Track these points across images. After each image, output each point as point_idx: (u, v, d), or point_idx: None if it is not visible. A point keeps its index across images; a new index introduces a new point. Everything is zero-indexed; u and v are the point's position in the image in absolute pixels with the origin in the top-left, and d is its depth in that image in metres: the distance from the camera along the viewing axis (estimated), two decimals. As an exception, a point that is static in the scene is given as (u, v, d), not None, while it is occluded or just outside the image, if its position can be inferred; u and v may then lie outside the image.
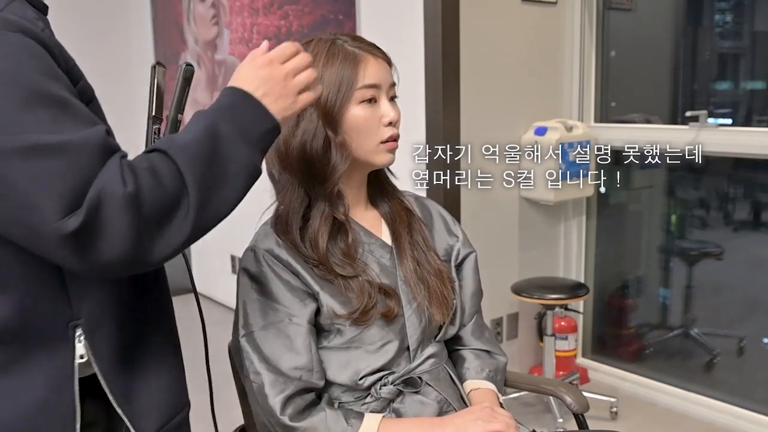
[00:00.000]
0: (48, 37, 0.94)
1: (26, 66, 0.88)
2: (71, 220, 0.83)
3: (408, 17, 2.71)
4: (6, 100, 0.85)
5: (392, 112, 1.25)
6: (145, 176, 0.89)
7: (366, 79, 1.22)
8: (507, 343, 3.03)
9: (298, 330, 1.21)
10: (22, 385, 0.96)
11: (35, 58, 0.90)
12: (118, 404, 1.02)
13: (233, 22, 3.67)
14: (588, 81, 3.06)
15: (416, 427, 1.22)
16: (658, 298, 3.17)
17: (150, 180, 0.90)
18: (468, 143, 2.76)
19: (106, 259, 0.87)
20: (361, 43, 1.26)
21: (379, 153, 1.26)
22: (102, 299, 1.01)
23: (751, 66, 2.94)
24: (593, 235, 3.20)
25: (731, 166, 2.88)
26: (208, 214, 0.94)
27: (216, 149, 0.95)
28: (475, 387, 1.37)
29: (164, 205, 0.90)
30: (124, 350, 1.03)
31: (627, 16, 3.18)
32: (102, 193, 0.85)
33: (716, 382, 2.89)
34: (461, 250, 1.42)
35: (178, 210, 0.91)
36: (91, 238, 0.85)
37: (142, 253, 0.89)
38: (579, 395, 1.47)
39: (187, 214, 0.92)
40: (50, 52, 0.92)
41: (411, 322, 1.28)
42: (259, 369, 1.21)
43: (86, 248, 0.85)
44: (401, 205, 1.37)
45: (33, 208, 0.84)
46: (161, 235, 0.90)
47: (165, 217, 0.90)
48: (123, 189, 0.86)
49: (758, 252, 2.86)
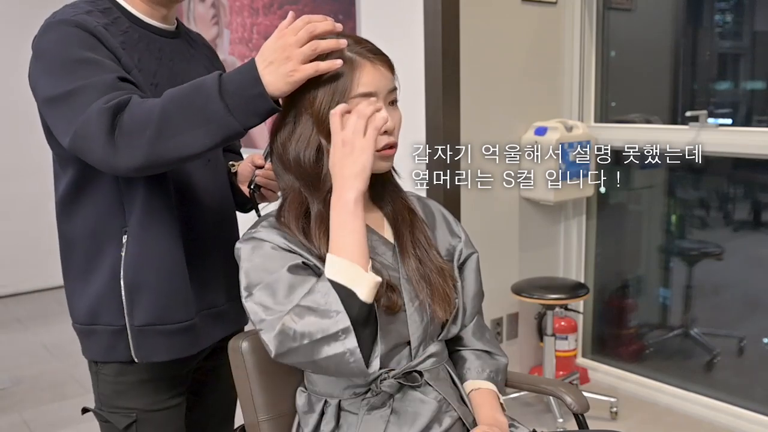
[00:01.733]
0: (99, 27, 1.25)
1: (71, 45, 1.21)
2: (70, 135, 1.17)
3: (408, 17, 2.71)
4: (56, 64, 1.21)
5: (388, 120, 1.23)
6: (134, 101, 1.15)
7: (360, 87, 1.20)
8: (507, 343, 3.03)
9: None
10: (99, 266, 1.32)
11: (80, 39, 1.22)
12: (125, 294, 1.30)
13: (233, 22, 3.67)
14: (588, 81, 3.06)
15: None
16: (658, 298, 3.17)
17: (135, 103, 1.15)
18: (468, 143, 2.76)
19: (93, 159, 1.17)
20: (362, 48, 1.22)
21: (376, 161, 1.24)
22: (139, 215, 1.30)
23: (751, 66, 2.94)
24: (593, 235, 3.20)
25: (731, 166, 2.88)
26: (168, 145, 1.13)
27: (195, 97, 1.14)
28: (475, 387, 1.37)
29: (136, 121, 1.13)
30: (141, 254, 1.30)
31: (627, 16, 3.17)
32: (89, 110, 1.14)
33: (716, 382, 2.89)
34: (464, 251, 1.42)
35: (146, 131, 1.12)
36: (83, 145, 1.16)
37: (112, 157, 1.14)
38: (579, 395, 1.47)
39: (151, 136, 1.12)
40: (97, 37, 1.24)
41: (413, 320, 1.28)
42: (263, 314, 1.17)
43: (85, 151, 1.16)
44: (404, 205, 1.36)
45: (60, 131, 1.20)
46: (128, 144, 1.13)
47: (134, 131, 1.13)
48: (100, 104, 1.13)
49: (758, 252, 2.86)
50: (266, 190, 1.53)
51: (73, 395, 3.14)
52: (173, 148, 1.14)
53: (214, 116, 1.13)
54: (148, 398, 1.38)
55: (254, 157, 1.54)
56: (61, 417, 2.95)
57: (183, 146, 1.14)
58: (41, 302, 4.59)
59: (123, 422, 1.37)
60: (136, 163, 1.15)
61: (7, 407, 3.11)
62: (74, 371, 3.33)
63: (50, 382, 3.35)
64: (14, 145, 4.58)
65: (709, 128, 2.70)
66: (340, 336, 1.11)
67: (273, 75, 1.13)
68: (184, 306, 1.35)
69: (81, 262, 1.35)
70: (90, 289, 1.33)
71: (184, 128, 1.13)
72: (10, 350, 3.83)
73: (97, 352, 1.36)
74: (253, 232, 1.24)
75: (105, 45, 1.25)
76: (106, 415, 1.39)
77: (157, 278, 1.31)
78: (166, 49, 1.38)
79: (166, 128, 1.13)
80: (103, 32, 1.26)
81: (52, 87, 1.20)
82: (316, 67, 1.14)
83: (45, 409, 3.08)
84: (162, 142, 1.13)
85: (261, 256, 1.20)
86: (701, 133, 2.71)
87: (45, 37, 1.25)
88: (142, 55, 1.32)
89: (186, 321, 1.35)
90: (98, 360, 1.37)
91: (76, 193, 1.32)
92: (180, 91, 1.16)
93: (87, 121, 1.14)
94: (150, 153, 1.14)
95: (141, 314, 1.31)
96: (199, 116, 1.13)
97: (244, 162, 1.57)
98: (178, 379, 1.43)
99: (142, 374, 1.37)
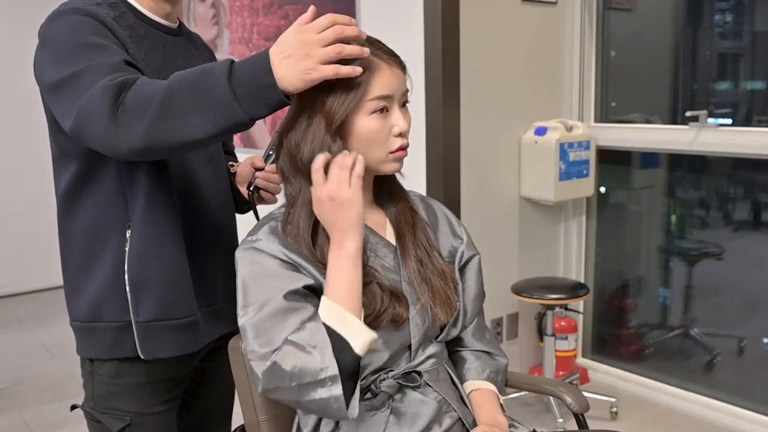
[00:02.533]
0: (109, 18, 1.26)
1: (81, 31, 1.22)
2: (74, 115, 1.15)
3: (408, 17, 2.71)
4: (63, 49, 1.21)
5: (403, 122, 1.23)
6: (139, 80, 1.14)
7: (377, 90, 1.19)
8: (507, 343, 3.03)
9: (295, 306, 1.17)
10: (101, 262, 1.32)
11: (90, 26, 1.23)
12: (129, 290, 1.30)
13: (233, 22, 3.67)
14: (588, 81, 3.06)
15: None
16: (658, 298, 3.17)
17: (140, 83, 1.13)
18: (468, 143, 2.77)
19: (95, 140, 1.15)
20: (377, 49, 1.21)
21: (388, 162, 1.25)
22: (142, 210, 1.29)
23: (751, 66, 2.94)
24: (593, 235, 3.20)
25: (731, 166, 2.88)
26: (170, 126, 1.10)
27: (202, 81, 1.11)
28: (475, 388, 1.37)
29: (140, 100, 1.11)
30: (145, 249, 1.30)
31: (627, 16, 3.17)
32: (92, 90, 1.13)
33: (716, 382, 2.89)
34: (465, 252, 1.41)
35: (149, 110, 1.10)
36: (85, 124, 1.14)
37: (114, 135, 1.12)
38: (579, 395, 1.47)
39: (153, 116, 1.10)
40: (107, 26, 1.24)
41: (414, 323, 1.28)
42: (255, 345, 1.17)
43: (87, 132, 1.15)
44: (406, 205, 1.36)
45: (64, 114, 1.19)
46: (130, 123, 1.11)
47: (137, 110, 1.10)
48: (104, 83, 1.12)
49: (758, 252, 2.86)
50: (265, 193, 1.53)
51: (73, 395, 3.14)
52: (175, 131, 1.11)
53: (220, 102, 1.10)
54: (144, 401, 1.37)
55: (254, 159, 1.54)
56: (61, 417, 2.96)
57: (185, 130, 1.11)
58: (42, 302, 4.59)
59: (116, 425, 1.36)
60: (136, 144, 1.12)
61: (7, 407, 3.11)
62: (74, 371, 3.31)
63: (50, 382, 3.35)
64: (15, 146, 4.59)
65: (709, 128, 2.70)
66: (327, 383, 1.11)
67: (289, 69, 1.09)
68: (186, 302, 1.35)
69: (83, 258, 1.34)
70: (92, 285, 1.33)
71: (188, 111, 1.10)
72: (10, 350, 3.84)
73: (99, 349, 1.35)
74: (254, 241, 1.22)
75: (115, 35, 1.25)
76: (98, 416, 1.37)
77: (161, 273, 1.31)
78: (170, 45, 1.38)
79: (170, 109, 1.10)
80: (113, 23, 1.26)
81: (57, 71, 1.19)
82: (337, 71, 1.11)
83: (45, 409, 3.08)
84: (164, 123, 1.10)
85: (259, 273, 1.19)
86: (701, 133, 2.71)
87: (53, 24, 1.24)
88: (149, 50, 1.32)
89: (189, 317, 1.35)
90: (99, 358, 1.36)
91: (79, 188, 1.31)
92: (188, 73, 1.14)
93: (90, 98, 1.12)
94: (151, 133, 1.11)
95: (146, 310, 1.30)
96: (204, 101, 1.10)
97: (243, 163, 1.56)
98: (176, 382, 1.43)
99: (140, 376, 1.36)
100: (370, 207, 1.33)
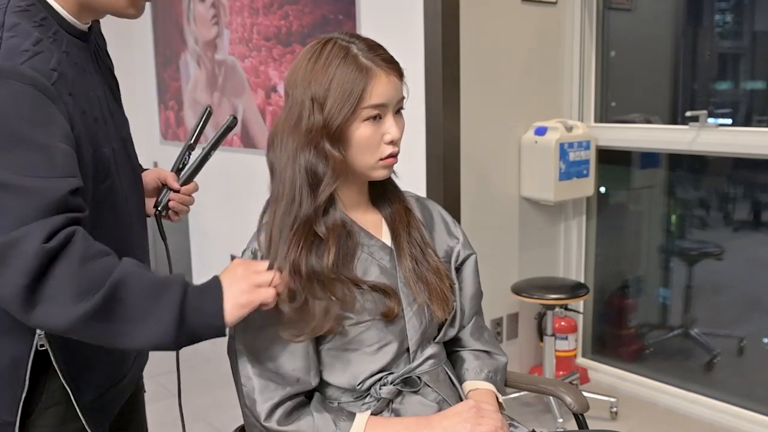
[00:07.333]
0: (57, 89, 1.02)
1: (20, 113, 0.97)
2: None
3: (408, 17, 2.71)
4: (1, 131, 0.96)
5: (395, 130, 1.22)
6: (77, 249, 0.96)
7: (373, 98, 1.18)
8: (507, 343, 3.03)
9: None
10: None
11: (33, 107, 0.98)
12: (64, 380, 1.13)
13: (233, 22, 3.67)
14: (588, 81, 3.06)
15: (403, 427, 1.22)
16: (658, 298, 3.17)
17: (79, 254, 0.95)
18: (468, 143, 2.77)
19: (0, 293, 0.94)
20: (376, 56, 1.20)
21: (377, 169, 1.24)
22: None
23: (751, 66, 2.94)
24: (593, 235, 3.20)
25: (731, 166, 2.88)
26: (106, 327, 0.97)
27: (149, 301, 1.00)
28: (473, 388, 1.37)
29: (71, 284, 0.94)
30: (73, 342, 1.07)
31: (627, 16, 3.18)
32: (22, 235, 0.92)
33: (716, 382, 2.89)
34: (461, 252, 1.41)
35: (79, 300, 0.94)
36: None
37: (24, 307, 0.94)
38: (579, 395, 1.47)
39: (88, 309, 0.95)
40: (56, 103, 1.01)
41: (411, 324, 1.28)
42: (251, 374, 1.21)
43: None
44: (401, 205, 1.36)
45: None
46: (51, 302, 0.94)
47: (62, 293, 0.94)
48: (41, 242, 0.92)
49: (758, 252, 2.86)
50: (174, 215, 1.45)
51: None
52: (97, 334, 0.99)
53: (150, 331, 1.00)
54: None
55: (167, 176, 1.44)
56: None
57: (117, 338, 1.00)
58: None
59: None
60: (53, 324, 0.96)
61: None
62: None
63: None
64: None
65: (709, 128, 2.70)
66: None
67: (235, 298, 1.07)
68: (122, 359, 1.30)
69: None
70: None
71: (123, 323, 0.99)
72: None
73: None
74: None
75: (57, 106, 1.02)
76: None
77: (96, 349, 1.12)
78: (80, 55, 1.17)
79: (103, 311, 0.97)
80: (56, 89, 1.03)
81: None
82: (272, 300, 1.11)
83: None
84: (101, 323, 0.97)
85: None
86: (701, 133, 2.71)
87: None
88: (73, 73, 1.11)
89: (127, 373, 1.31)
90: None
91: None
92: (140, 279, 1.01)
93: (14, 250, 0.92)
94: (77, 325, 0.96)
95: (89, 390, 1.19)
96: (140, 323, 1.00)
97: (149, 175, 1.44)
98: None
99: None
100: (366, 209, 1.34)
